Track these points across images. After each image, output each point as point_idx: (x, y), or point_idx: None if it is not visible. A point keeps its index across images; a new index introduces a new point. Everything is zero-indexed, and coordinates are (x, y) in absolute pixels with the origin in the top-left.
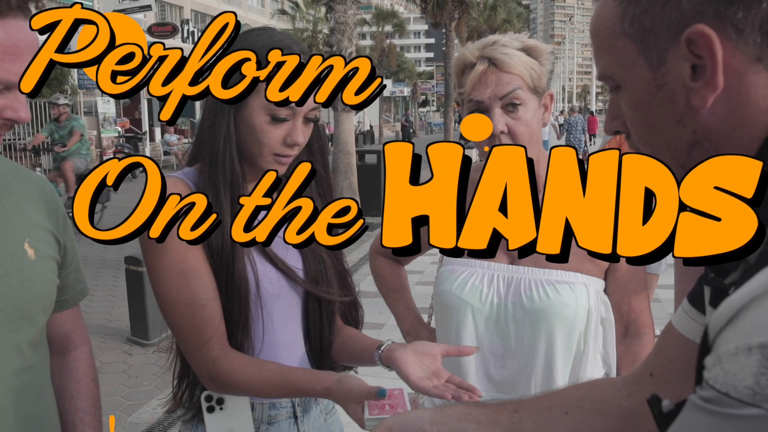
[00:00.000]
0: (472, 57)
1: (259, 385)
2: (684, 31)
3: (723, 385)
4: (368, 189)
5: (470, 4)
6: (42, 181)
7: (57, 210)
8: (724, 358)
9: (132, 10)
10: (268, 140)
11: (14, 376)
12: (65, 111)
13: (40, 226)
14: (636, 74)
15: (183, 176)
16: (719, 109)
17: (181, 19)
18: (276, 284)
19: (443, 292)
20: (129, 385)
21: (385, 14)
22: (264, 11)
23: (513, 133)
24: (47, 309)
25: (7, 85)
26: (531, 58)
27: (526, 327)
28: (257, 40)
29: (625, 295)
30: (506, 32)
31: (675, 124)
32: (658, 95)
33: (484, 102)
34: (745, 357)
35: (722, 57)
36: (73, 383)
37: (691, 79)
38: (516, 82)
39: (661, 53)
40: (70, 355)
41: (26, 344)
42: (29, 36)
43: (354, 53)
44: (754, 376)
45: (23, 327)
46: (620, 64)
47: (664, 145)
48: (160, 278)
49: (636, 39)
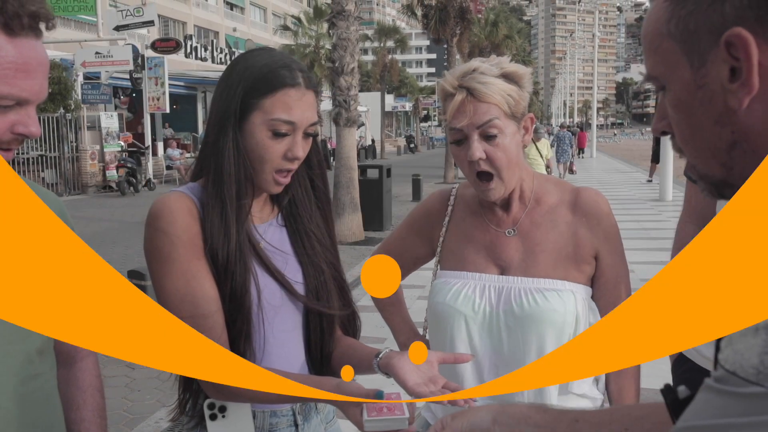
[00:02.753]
0: (451, 87)
1: (260, 392)
2: (724, 34)
3: (732, 365)
4: (370, 203)
5: (472, 20)
6: (49, 194)
7: (64, 220)
8: (735, 339)
9: (135, 25)
10: (269, 155)
11: (23, 384)
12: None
13: None
14: (679, 75)
15: (188, 191)
16: (756, 111)
17: (184, 34)
18: (277, 296)
19: (437, 303)
20: (131, 398)
21: (387, 30)
22: (267, 27)
23: (491, 158)
24: None
25: (19, 101)
26: (510, 84)
27: (517, 333)
28: (258, 60)
29: (612, 300)
30: (507, 48)
31: (714, 124)
32: (698, 96)
33: (463, 130)
34: (753, 337)
35: (758, 59)
36: (79, 393)
37: (729, 81)
38: (493, 112)
39: (703, 55)
40: (76, 366)
41: (34, 352)
42: (40, 54)
43: (356, 69)
44: (759, 355)
45: (31, 335)
46: (665, 64)
47: (705, 145)
48: (165, 289)
49: (680, 40)
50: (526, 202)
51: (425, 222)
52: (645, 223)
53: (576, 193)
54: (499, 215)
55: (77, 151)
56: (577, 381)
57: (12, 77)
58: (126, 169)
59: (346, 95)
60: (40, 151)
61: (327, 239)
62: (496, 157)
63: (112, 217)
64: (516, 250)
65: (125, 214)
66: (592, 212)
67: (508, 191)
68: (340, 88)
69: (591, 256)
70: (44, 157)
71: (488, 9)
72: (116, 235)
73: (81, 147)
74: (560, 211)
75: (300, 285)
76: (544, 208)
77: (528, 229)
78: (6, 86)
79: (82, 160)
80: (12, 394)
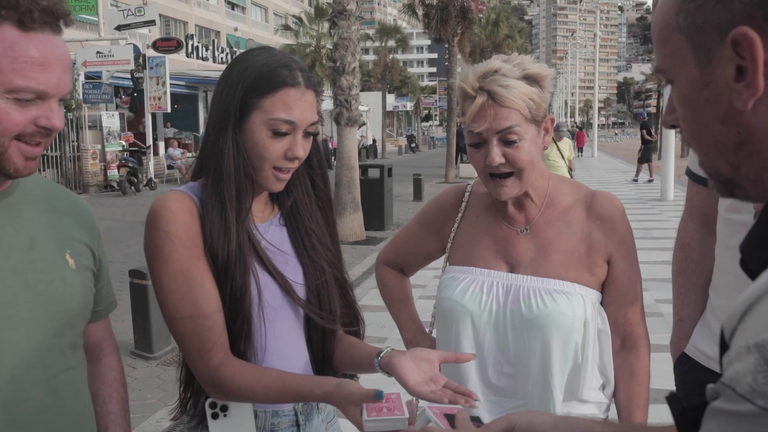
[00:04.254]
0: (472, 89)
1: (260, 391)
2: (731, 32)
3: (731, 382)
4: (371, 203)
5: (473, 20)
6: (79, 199)
7: (92, 226)
8: (733, 358)
9: (136, 25)
10: (269, 154)
11: (56, 376)
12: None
13: (79, 240)
14: (686, 70)
15: (188, 191)
16: (762, 112)
17: (185, 34)
18: (278, 296)
19: (444, 298)
20: (133, 398)
21: (388, 29)
22: (268, 26)
23: (511, 161)
24: (86, 315)
25: (39, 95)
26: (532, 87)
27: (523, 334)
28: (258, 59)
29: (622, 307)
30: (509, 48)
31: (720, 123)
32: (704, 93)
33: (482, 134)
34: (746, 356)
35: (765, 60)
36: (104, 388)
37: (734, 80)
38: (513, 118)
39: (709, 51)
40: (101, 362)
41: (67, 347)
42: (59, 49)
43: (357, 68)
44: (752, 374)
45: (65, 330)
46: (673, 58)
47: (712, 143)
48: (165, 288)
49: (687, 35)
50: (540, 202)
51: (438, 217)
52: (646, 222)
53: (592, 195)
54: (513, 213)
55: (78, 151)
56: (584, 387)
57: (29, 71)
58: (127, 169)
59: (347, 95)
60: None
61: (328, 239)
62: (515, 159)
63: (113, 216)
64: (527, 249)
65: (126, 213)
66: (608, 216)
67: (521, 192)
68: (341, 87)
69: (604, 260)
70: (45, 156)
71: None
72: (117, 234)
73: (82, 146)
74: (575, 213)
75: (300, 285)
76: (558, 209)
77: (541, 228)
78: (23, 80)
79: (83, 160)
80: (45, 386)
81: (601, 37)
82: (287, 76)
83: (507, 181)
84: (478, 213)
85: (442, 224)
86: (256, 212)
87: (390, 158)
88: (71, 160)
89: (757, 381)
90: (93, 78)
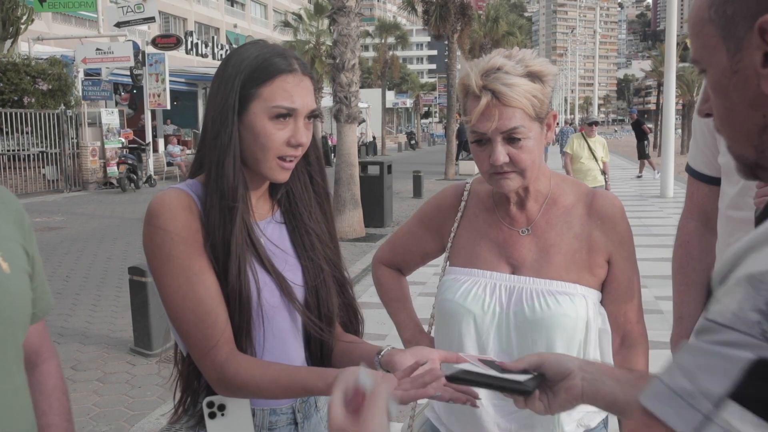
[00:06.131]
0: (476, 87)
1: (266, 385)
2: (759, 20)
3: (713, 314)
4: (371, 200)
5: (472, 17)
6: (4, 191)
7: (23, 221)
8: (721, 295)
9: (135, 22)
10: (272, 143)
11: (5, 397)
12: None
13: (11, 239)
14: (717, 60)
15: (186, 188)
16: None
17: (184, 30)
18: (277, 294)
19: (446, 300)
20: (132, 395)
21: (388, 26)
22: (267, 23)
23: (515, 161)
24: (26, 323)
25: None
26: (535, 84)
27: (527, 336)
28: (251, 51)
29: (622, 306)
30: (508, 44)
31: (747, 107)
32: (733, 80)
33: (487, 134)
34: (736, 288)
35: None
36: (44, 398)
37: (762, 66)
38: (518, 117)
39: (738, 40)
40: (38, 370)
41: (11, 362)
42: None
43: (357, 65)
44: (739, 302)
45: (6, 344)
46: (705, 49)
47: (739, 128)
48: (166, 286)
49: (719, 26)
50: (541, 201)
51: (436, 216)
52: (646, 219)
53: (592, 195)
54: (514, 213)
55: (78, 148)
56: None
57: None
58: (127, 166)
59: (346, 92)
60: (41, 148)
61: (327, 236)
62: (519, 159)
63: (113, 213)
64: (529, 250)
65: (126, 210)
66: (608, 216)
67: (524, 185)
68: (340, 84)
69: (604, 259)
70: (45, 153)
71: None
72: (117, 231)
73: (82, 143)
74: (576, 213)
75: (299, 287)
76: (560, 209)
77: (543, 229)
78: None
79: (82, 157)
80: (5, 410)
81: (600, 34)
82: (283, 63)
83: (510, 174)
84: (478, 213)
85: (441, 224)
86: (255, 209)
87: (389, 155)
88: (71, 157)
89: (742, 308)
90: (92, 75)
